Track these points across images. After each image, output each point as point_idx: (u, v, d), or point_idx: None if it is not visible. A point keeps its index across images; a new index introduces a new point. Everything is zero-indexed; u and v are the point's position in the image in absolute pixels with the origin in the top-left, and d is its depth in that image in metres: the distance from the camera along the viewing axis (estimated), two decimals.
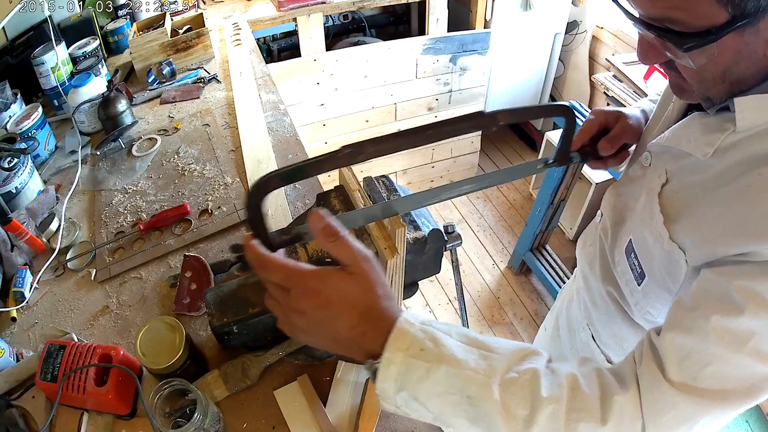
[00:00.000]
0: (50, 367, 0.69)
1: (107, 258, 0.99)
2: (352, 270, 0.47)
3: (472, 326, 2.18)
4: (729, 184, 0.51)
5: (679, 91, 0.57)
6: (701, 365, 0.46)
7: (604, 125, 0.74)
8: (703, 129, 0.55)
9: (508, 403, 0.47)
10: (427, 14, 2.22)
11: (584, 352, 0.91)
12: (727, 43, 0.45)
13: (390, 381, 0.47)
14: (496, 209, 2.73)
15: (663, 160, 0.62)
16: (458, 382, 0.47)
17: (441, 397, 0.48)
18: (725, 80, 0.50)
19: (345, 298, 0.47)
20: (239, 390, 0.74)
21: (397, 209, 0.61)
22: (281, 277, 0.47)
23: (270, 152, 1.19)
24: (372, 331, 0.48)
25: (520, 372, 0.48)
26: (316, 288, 0.47)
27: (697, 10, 0.43)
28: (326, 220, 0.47)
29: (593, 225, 0.84)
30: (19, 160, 1.07)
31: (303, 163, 0.47)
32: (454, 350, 0.48)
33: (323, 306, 0.47)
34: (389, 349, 0.47)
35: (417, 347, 0.47)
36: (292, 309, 0.48)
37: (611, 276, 0.75)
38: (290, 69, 2.10)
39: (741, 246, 0.47)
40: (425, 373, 0.47)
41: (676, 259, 0.57)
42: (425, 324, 0.50)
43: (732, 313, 0.46)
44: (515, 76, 2.57)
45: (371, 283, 0.48)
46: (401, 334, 0.48)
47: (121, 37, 1.71)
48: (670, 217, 0.58)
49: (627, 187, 0.73)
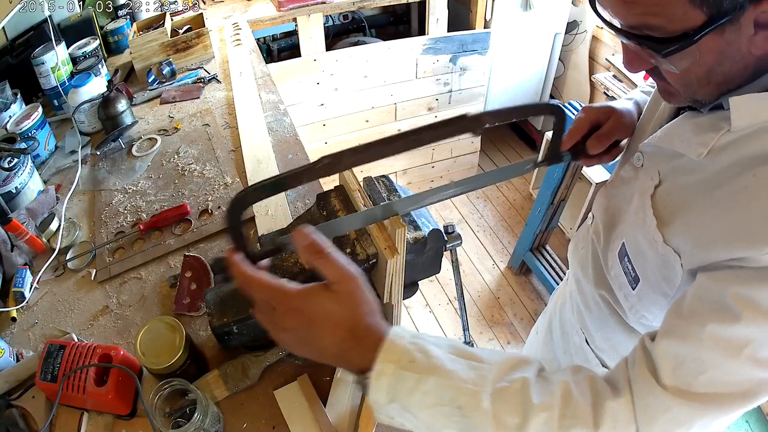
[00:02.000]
0: (50, 367, 0.69)
1: (107, 258, 0.99)
2: (337, 288, 0.47)
3: (472, 326, 2.18)
4: (724, 186, 0.50)
5: (668, 95, 0.57)
6: (696, 372, 0.46)
7: (596, 122, 0.73)
8: (695, 128, 0.54)
9: (499, 413, 0.47)
10: (427, 14, 2.22)
11: (578, 355, 0.90)
12: (708, 44, 0.44)
13: (381, 392, 0.47)
14: (496, 209, 2.73)
15: (655, 160, 0.61)
16: (448, 393, 0.47)
17: (432, 408, 0.48)
18: (710, 81, 0.49)
19: (329, 318, 0.47)
20: (239, 390, 0.74)
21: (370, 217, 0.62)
22: (266, 296, 0.48)
23: (270, 152, 1.19)
24: (357, 348, 0.48)
25: (510, 381, 0.48)
26: (299, 307, 0.47)
27: (671, 13, 0.43)
28: (311, 236, 0.47)
29: (585, 227, 0.82)
30: (19, 160, 1.07)
31: (281, 176, 0.48)
32: (444, 361, 0.48)
33: (307, 325, 0.47)
34: (380, 361, 0.47)
35: (407, 359, 0.47)
36: (279, 328, 0.49)
37: (604, 280, 0.74)
38: (290, 69, 2.10)
39: (736, 251, 0.46)
40: (415, 384, 0.47)
41: (672, 263, 0.56)
42: (415, 336, 0.50)
43: (727, 321, 0.45)
44: (515, 76, 2.57)
45: (356, 301, 0.48)
46: (392, 346, 0.48)
47: (121, 37, 1.71)
48: (664, 220, 0.57)
49: (619, 188, 0.71)
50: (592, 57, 2.45)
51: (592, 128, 0.73)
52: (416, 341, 0.49)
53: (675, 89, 0.53)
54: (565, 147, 0.72)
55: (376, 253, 0.66)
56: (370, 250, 0.66)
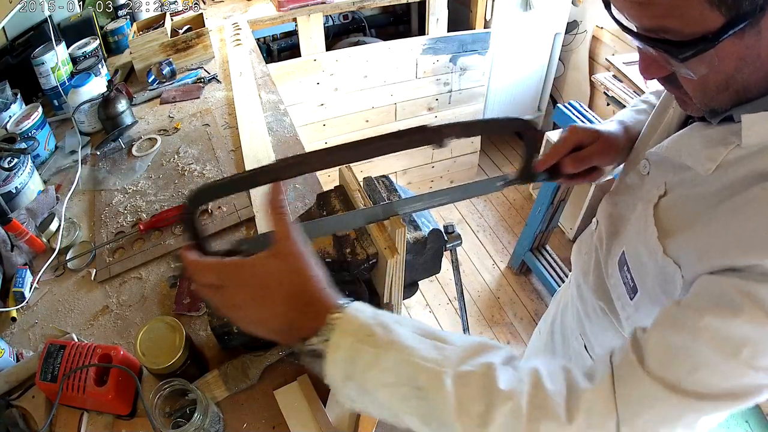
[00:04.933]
0: (50, 367, 0.69)
1: (107, 258, 0.99)
2: (281, 249, 0.48)
3: (472, 326, 2.18)
4: (730, 199, 0.48)
5: (684, 105, 0.55)
6: (689, 368, 0.43)
7: (578, 144, 0.71)
8: (704, 142, 0.52)
9: (462, 397, 0.44)
10: (427, 14, 2.22)
11: (577, 360, 0.89)
12: (727, 48, 0.42)
13: (338, 367, 0.46)
14: (496, 209, 2.73)
15: (662, 170, 0.60)
16: (408, 370, 0.45)
17: (390, 388, 0.45)
18: (729, 88, 0.47)
19: (275, 279, 0.47)
20: (239, 390, 0.74)
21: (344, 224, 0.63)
22: (215, 276, 0.48)
23: (270, 152, 1.19)
24: (306, 313, 0.47)
25: (476, 365, 0.45)
26: (247, 278, 0.47)
27: (689, 16, 0.41)
28: (281, 195, 0.49)
29: (589, 232, 0.81)
30: (19, 160, 1.07)
31: (237, 176, 0.49)
32: (406, 338, 0.46)
33: (257, 295, 0.47)
34: (336, 333, 0.46)
35: (365, 332, 0.46)
36: (231, 305, 0.49)
37: (604, 287, 0.72)
38: (290, 69, 2.10)
39: (741, 260, 0.44)
40: (373, 359, 0.45)
41: (671, 275, 0.54)
42: (377, 313, 0.48)
43: (727, 315, 0.43)
44: (515, 76, 2.56)
45: (300, 263, 0.48)
46: (350, 318, 0.47)
47: (121, 37, 1.71)
48: (666, 231, 0.55)
49: (624, 195, 0.69)
50: (592, 57, 2.45)
51: (575, 149, 0.71)
52: (377, 316, 0.48)
53: (690, 99, 0.51)
54: (543, 166, 0.70)
55: (376, 253, 0.66)
56: (370, 250, 0.66)
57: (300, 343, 0.47)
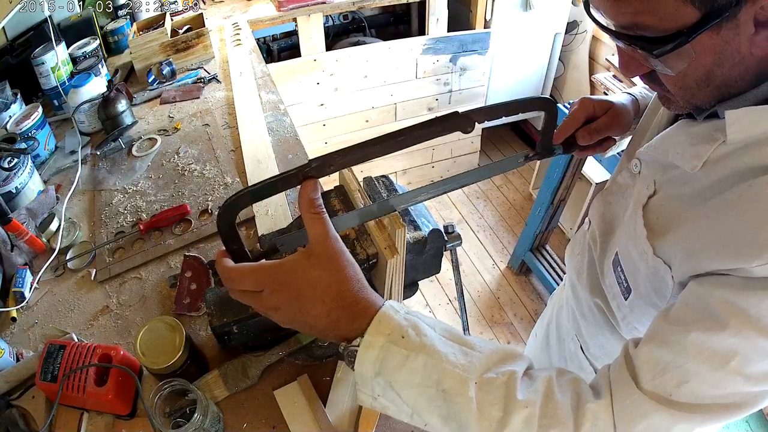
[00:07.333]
0: (50, 367, 0.69)
1: (107, 258, 0.99)
2: (317, 251, 0.48)
3: (472, 326, 2.18)
4: (717, 197, 0.48)
5: (667, 102, 0.55)
6: (678, 381, 0.44)
7: (591, 116, 0.71)
8: (690, 139, 0.52)
9: (483, 403, 0.46)
10: (427, 14, 2.23)
11: (573, 362, 0.89)
12: (704, 43, 0.42)
13: (368, 364, 0.47)
14: (496, 209, 2.73)
15: (652, 169, 0.60)
16: (435, 374, 0.47)
17: (416, 389, 0.47)
18: (709, 84, 0.47)
19: (315, 285, 0.47)
20: (239, 390, 0.74)
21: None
22: (252, 282, 0.49)
23: (270, 152, 1.19)
24: (346, 315, 0.48)
25: (498, 373, 0.48)
26: (285, 281, 0.48)
27: (664, 11, 0.41)
28: (316, 194, 0.49)
29: (581, 232, 0.81)
30: (19, 160, 1.07)
31: (272, 179, 0.49)
32: (436, 342, 0.48)
33: (295, 297, 0.48)
34: (370, 332, 0.47)
35: (398, 334, 0.47)
36: (269, 308, 0.49)
37: (599, 288, 0.72)
38: (290, 69, 2.10)
39: (727, 262, 0.44)
40: (403, 360, 0.46)
41: (662, 275, 0.55)
42: (410, 314, 0.50)
43: (713, 329, 0.43)
44: (515, 76, 2.57)
45: (339, 266, 0.48)
46: (384, 319, 0.48)
47: (121, 37, 1.71)
48: (655, 231, 0.55)
49: (616, 195, 0.69)
50: (592, 57, 2.45)
51: (587, 121, 0.71)
52: (410, 318, 0.49)
53: (672, 95, 0.51)
54: (558, 139, 0.71)
55: (376, 253, 0.66)
56: (370, 250, 0.66)
57: (342, 341, 0.49)
